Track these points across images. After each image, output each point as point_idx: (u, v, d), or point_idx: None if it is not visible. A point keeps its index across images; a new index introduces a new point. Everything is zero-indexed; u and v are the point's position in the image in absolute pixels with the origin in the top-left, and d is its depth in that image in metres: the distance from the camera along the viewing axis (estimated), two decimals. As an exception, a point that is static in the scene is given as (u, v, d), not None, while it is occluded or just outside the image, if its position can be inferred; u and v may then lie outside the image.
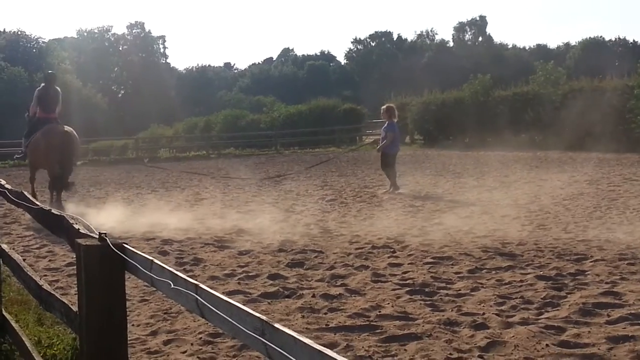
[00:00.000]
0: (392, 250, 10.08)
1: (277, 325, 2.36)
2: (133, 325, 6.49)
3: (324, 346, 2.26)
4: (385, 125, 19.09)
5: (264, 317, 2.41)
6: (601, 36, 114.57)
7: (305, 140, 45.09)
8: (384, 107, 19.81)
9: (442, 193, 17.54)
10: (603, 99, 30.80)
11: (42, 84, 16.49)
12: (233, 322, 2.51)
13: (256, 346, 2.44)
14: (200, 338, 6.18)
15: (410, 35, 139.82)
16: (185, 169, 26.29)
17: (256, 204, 16.55)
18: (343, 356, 5.58)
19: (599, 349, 5.57)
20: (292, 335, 2.29)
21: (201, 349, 5.95)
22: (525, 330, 6.00)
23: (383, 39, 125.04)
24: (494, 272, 8.47)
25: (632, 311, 6.51)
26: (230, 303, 2.61)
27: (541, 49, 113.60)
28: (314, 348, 2.22)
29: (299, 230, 12.28)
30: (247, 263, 9.45)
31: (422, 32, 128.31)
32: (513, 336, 5.91)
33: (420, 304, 7.08)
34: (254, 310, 2.54)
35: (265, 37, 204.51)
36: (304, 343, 2.24)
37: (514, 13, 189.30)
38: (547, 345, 5.67)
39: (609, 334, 5.91)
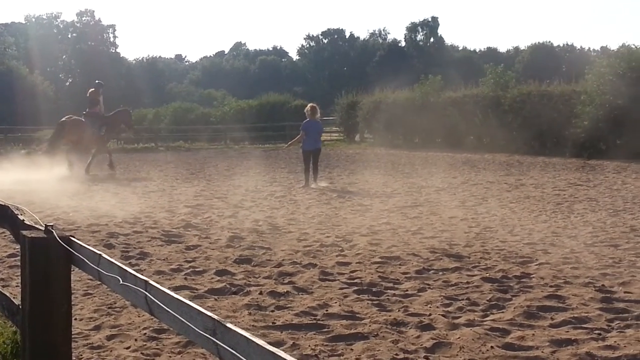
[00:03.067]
0: (340, 249, 10.09)
1: (229, 325, 2.33)
2: (76, 319, 6.37)
3: (271, 345, 2.24)
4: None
5: (215, 317, 2.37)
6: (549, 41, 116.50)
7: (255, 136, 44.96)
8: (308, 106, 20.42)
9: (391, 193, 17.62)
10: (550, 104, 31.30)
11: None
12: (183, 320, 2.47)
13: (207, 346, 2.40)
14: (145, 334, 6.10)
15: (362, 34, 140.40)
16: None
17: (205, 198, 16.44)
18: (290, 355, 5.55)
19: (542, 352, 5.64)
20: (244, 336, 2.26)
21: (145, 344, 5.87)
22: (470, 332, 6.05)
23: (336, 37, 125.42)
24: (441, 273, 8.52)
25: (575, 315, 6.61)
26: (181, 301, 2.57)
27: (491, 52, 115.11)
28: (266, 349, 2.20)
29: (247, 226, 12.22)
30: (194, 258, 9.37)
31: (374, 31, 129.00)
32: (458, 337, 5.95)
33: (368, 303, 7.09)
34: (200, 306, 2.50)
35: (218, 30, 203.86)
36: (257, 344, 2.21)
37: (466, 16, 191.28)
38: (491, 347, 5.72)
39: (553, 337, 5.99)
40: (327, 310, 6.80)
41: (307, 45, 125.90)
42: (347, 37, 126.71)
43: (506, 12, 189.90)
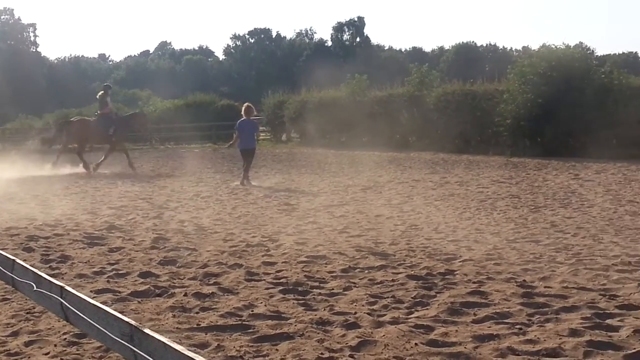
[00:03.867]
0: (266, 248, 10.05)
1: (146, 330, 2.27)
2: (-6, 325, 6.19)
3: (195, 346, 2.20)
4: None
5: (133, 322, 2.31)
6: (473, 41, 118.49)
7: (181, 136, 44.48)
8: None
9: (317, 192, 17.65)
10: (474, 103, 31.83)
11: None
12: (99, 327, 2.40)
13: (124, 352, 2.34)
14: (65, 339, 5.96)
15: (289, 34, 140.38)
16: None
17: (129, 199, 16.19)
18: (214, 357, 5.48)
19: (465, 347, 5.71)
20: (162, 341, 2.20)
21: (65, 350, 5.73)
22: (395, 330, 6.09)
23: (262, 36, 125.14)
24: (366, 271, 8.56)
25: (497, 310, 6.72)
26: (97, 307, 2.50)
27: (416, 52, 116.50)
28: (184, 355, 2.15)
29: (172, 227, 12.08)
30: (117, 260, 9.20)
31: (301, 30, 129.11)
32: (383, 335, 5.98)
33: (293, 303, 7.07)
34: (123, 309, 2.45)
35: (143, 29, 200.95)
36: (175, 349, 2.16)
37: (391, 15, 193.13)
38: (416, 344, 5.76)
39: (475, 332, 6.07)
40: (252, 311, 6.76)
41: (234, 45, 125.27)
42: (273, 36, 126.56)
43: (431, 13, 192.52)
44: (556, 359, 5.45)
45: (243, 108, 20.63)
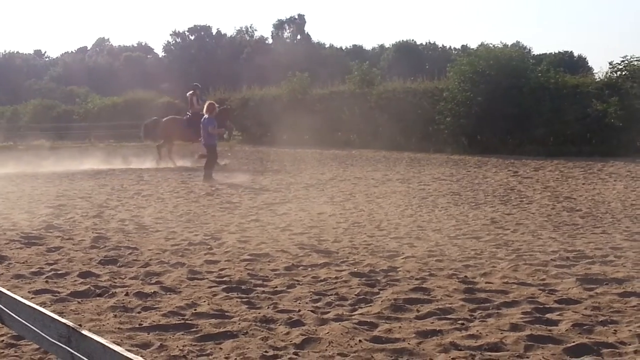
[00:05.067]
0: (209, 247, 9.97)
1: (84, 332, 2.21)
2: None
3: (137, 346, 2.15)
4: None
5: (70, 323, 2.24)
6: (413, 40, 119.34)
7: (121, 133, 43.93)
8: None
9: (259, 190, 17.59)
10: (415, 100, 32.10)
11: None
12: (36, 329, 2.33)
13: (61, 355, 2.27)
14: (2, 340, 5.81)
15: (229, 31, 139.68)
16: None
17: (67, 198, 15.90)
18: (157, 356, 5.40)
19: (408, 343, 5.74)
20: (100, 343, 2.15)
21: (3, 352, 5.59)
22: (339, 327, 6.08)
23: (202, 33, 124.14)
24: (310, 269, 8.55)
25: (440, 306, 6.77)
26: (33, 308, 2.43)
27: (357, 50, 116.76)
28: (123, 356, 2.10)
29: (112, 226, 11.90)
30: (56, 260, 9.02)
31: (241, 27, 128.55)
32: (327, 332, 5.97)
33: (237, 301, 7.02)
34: (62, 310, 2.38)
35: (80, 25, 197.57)
36: (114, 351, 2.10)
37: (332, 13, 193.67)
38: (360, 341, 5.77)
39: (418, 328, 6.10)
40: (195, 310, 6.69)
41: (174, 42, 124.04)
42: (213, 33, 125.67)
43: (371, 11, 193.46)
44: (498, 353, 5.51)
45: (205, 105, 21.10)
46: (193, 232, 11.27)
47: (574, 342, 5.68)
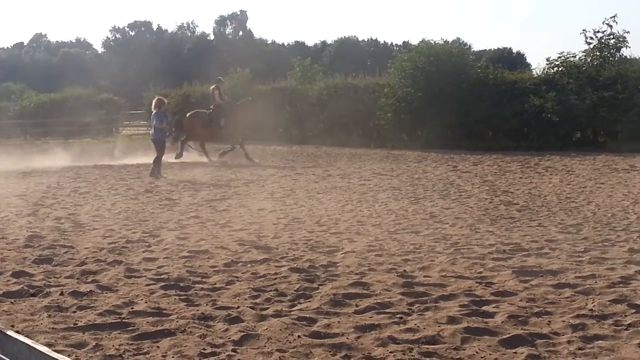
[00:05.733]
0: (147, 244, 9.85)
1: (9, 332, 2.15)
2: None
3: (72, 346, 2.10)
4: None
5: (-7, 323, 2.18)
6: (355, 36, 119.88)
7: (58, 130, 43.17)
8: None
9: (199, 187, 17.46)
10: (356, 96, 32.21)
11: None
12: (-44, 330, 2.26)
13: (-16, 355, 2.21)
14: None
15: (170, 27, 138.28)
16: None
17: (1, 196, 15.54)
18: (92, 356, 5.31)
19: (347, 338, 5.75)
20: (26, 343, 2.09)
21: None
22: (278, 323, 6.07)
23: (143, 29, 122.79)
24: (249, 265, 8.51)
25: (379, 300, 6.80)
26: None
27: (299, 46, 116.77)
28: (49, 356, 2.05)
29: (48, 224, 11.68)
30: (-11, 260, 8.81)
31: (182, 24, 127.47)
32: (266, 329, 5.95)
33: (175, 299, 6.95)
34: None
35: (16, 21, 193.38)
36: (40, 351, 2.05)
37: (274, 9, 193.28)
38: (299, 336, 5.76)
39: (357, 323, 6.12)
40: (132, 308, 6.60)
41: (113, 38, 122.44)
42: (154, 29, 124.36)
43: (314, 7, 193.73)
44: (435, 346, 5.55)
45: (155, 101, 21.07)
46: (131, 229, 11.13)
47: (509, 333, 5.76)
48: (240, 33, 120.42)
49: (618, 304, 6.53)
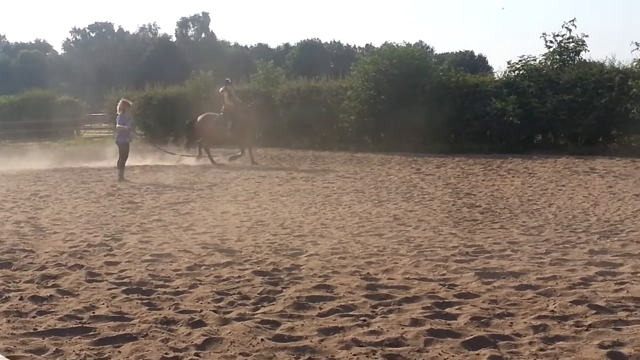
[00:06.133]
0: (109, 248, 9.75)
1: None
2: None
3: (31, 352, 2.05)
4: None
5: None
6: (318, 38, 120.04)
7: (17, 133, 42.61)
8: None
9: (162, 190, 17.33)
10: (319, 99, 32.22)
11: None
12: None
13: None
14: None
15: (132, 28, 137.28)
16: None
17: (-40, 200, 15.30)
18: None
19: (311, 341, 5.74)
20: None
21: None
22: (241, 326, 6.04)
23: (104, 30, 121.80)
24: (212, 268, 8.46)
25: (342, 303, 6.80)
26: None
27: (262, 48, 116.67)
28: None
29: (7, 228, 11.50)
30: (-54, 265, 8.65)
31: (144, 25, 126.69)
32: (230, 332, 5.92)
33: (137, 303, 6.88)
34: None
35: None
36: (-4, 357, 2.01)
37: (236, 12, 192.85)
38: (262, 340, 5.73)
39: (321, 326, 6.11)
40: (93, 313, 6.53)
41: (73, 39, 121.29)
42: (115, 31, 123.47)
43: (277, 9, 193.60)
44: (398, 348, 5.56)
45: (119, 103, 20.97)
46: (93, 233, 11.00)
47: (472, 335, 5.79)
48: (203, 35, 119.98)
49: (578, 305, 6.60)
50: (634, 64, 26.40)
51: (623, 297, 6.90)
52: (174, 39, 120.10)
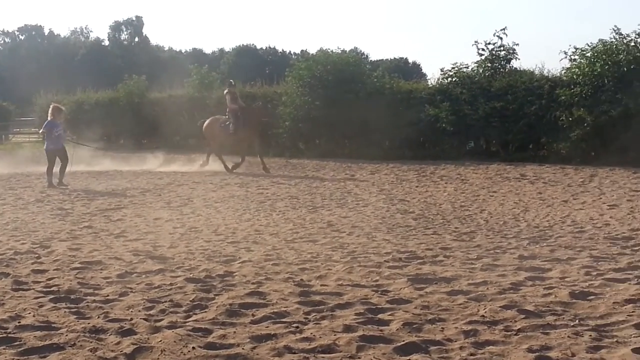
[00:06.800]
0: (36, 255, 9.52)
1: None
2: None
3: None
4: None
5: None
6: (253, 44, 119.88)
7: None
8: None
9: (93, 196, 17.03)
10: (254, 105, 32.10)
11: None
12: None
13: None
14: None
15: (63, 32, 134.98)
16: None
17: None
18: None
19: (243, 348, 5.69)
20: None
21: None
22: (172, 334, 5.95)
23: (34, 33, 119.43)
24: (144, 276, 8.33)
25: (275, 310, 6.76)
26: None
27: (197, 53, 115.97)
28: None
29: None
30: None
31: (76, 28, 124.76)
32: (160, 341, 5.82)
33: (65, 312, 6.72)
34: None
35: None
36: None
37: (171, 16, 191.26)
38: (193, 347, 5.66)
39: (253, 333, 6.06)
40: (19, 322, 6.35)
41: (2, 42, 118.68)
42: (46, 34, 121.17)
43: (212, 14, 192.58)
44: (330, 355, 5.55)
45: (50, 109, 20.31)
46: (20, 240, 10.73)
47: (403, 341, 5.82)
48: (136, 39, 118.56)
49: (508, 309, 6.69)
50: (563, 72, 27.04)
51: (551, 301, 7.02)
52: (106, 42, 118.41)
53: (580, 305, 6.86)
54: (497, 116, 26.77)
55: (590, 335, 5.91)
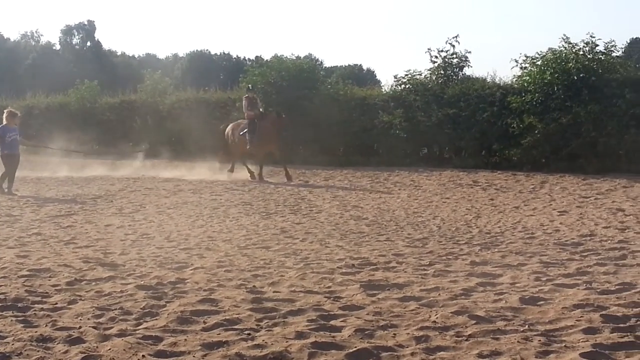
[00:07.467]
0: (-17, 263, 9.33)
1: None
2: None
3: None
4: None
5: None
6: (207, 50, 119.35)
7: None
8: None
9: (43, 202, 16.76)
10: (208, 110, 32.00)
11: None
12: None
13: None
14: None
15: (13, 35, 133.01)
16: None
17: None
18: None
19: (194, 356, 5.63)
20: None
21: None
22: (122, 342, 5.86)
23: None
24: (93, 283, 8.21)
25: (227, 317, 6.71)
26: None
27: (150, 58, 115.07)
28: None
29: None
30: None
31: (26, 32, 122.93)
32: (109, 349, 5.74)
33: (12, 320, 6.59)
34: None
35: None
36: None
37: (123, 21, 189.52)
38: (143, 356, 5.59)
39: (205, 340, 6.00)
40: (-36, 332, 6.21)
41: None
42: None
43: (165, 19, 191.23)
44: (283, 362, 5.53)
45: (5, 113, 19.55)
46: (-34, 248, 10.52)
47: (355, 347, 5.81)
48: (88, 43, 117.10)
49: (459, 315, 6.73)
50: (514, 80, 27.41)
51: (502, 307, 7.08)
52: (57, 47, 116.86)
53: (530, 311, 6.93)
54: (449, 123, 27.04)
55: (540, 340, 5.97)
